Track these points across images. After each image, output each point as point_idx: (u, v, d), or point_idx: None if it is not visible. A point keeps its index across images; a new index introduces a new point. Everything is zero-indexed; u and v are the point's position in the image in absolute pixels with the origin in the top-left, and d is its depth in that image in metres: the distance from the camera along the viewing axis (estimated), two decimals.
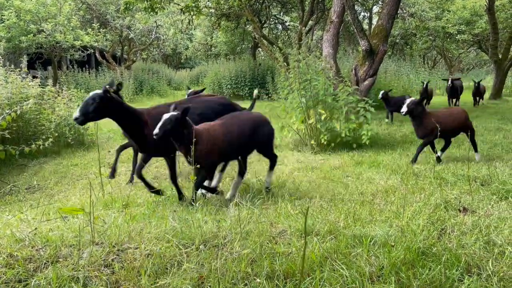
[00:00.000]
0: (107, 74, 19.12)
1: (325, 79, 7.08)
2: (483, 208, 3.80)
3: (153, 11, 11.58)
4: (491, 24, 16.03)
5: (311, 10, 15.82)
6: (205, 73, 24.81)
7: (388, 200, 4.09)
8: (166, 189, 4.68)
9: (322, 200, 4.10)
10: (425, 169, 5.35)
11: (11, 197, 5.05)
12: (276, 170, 5.76)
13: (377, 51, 9.71)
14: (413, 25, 23.33)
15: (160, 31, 22.19)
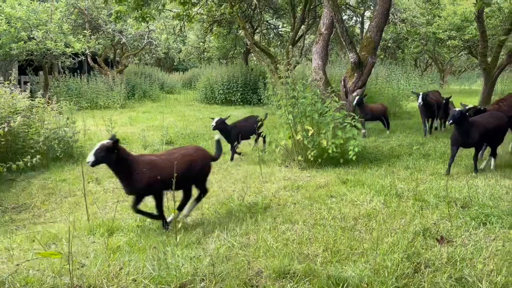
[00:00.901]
0: (99, 79, 19.06)
1: (312, 95, 7.14)
2: (460, 236, 3.88)
3: (144, 20, 11.61)
4: (480, 32, 16.18)
5: (302, 17, 15.89)
6: (198, 76, 24.83)
7: (369, 226, 4.17)
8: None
9: (305, 226, 4.17)
10: (408, 189, 5.43)
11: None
12: (263, 188, 5.86)
13: (366, 63, 9.80)
14: (405, 30, 23.51)
15: (152, 35, 22.16)
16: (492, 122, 6.48)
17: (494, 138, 6.58)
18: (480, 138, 6.30)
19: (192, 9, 13.14)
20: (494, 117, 6.64)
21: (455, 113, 6.09)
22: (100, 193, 6.06)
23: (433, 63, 33.89)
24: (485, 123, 6.42)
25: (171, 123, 12.96)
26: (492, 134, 6.47)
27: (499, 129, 6.54)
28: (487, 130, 6.34)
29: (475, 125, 6.30)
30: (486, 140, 6.55)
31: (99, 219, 4.75)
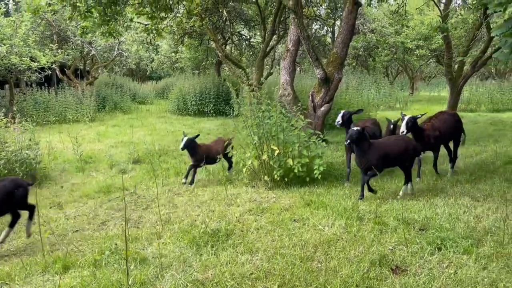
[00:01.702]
0: (67, 91, 18.67)
1: (278, 114, 7.17)
2: (415, 263, 3.96)
3: (111, 36, 11.45)
4: (445, 43, 16.63)
5: (272, 29, 15.99)
6: (171, 86, 24.64)
7: (328, 255, 4.20)
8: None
9: (264, 257, 4.17)
10: (370, 210, 5.51)
11: None
12: (228, 212, 5.84)
13: (333, 79, 9.94)
14: (374, 40, 23.97)
15: (123, 47, 21.89)
16: (393, 146, 6.17)
17: (399, 163, 6.31)
18: (379, 161, 5.97)
19: (161, 23, 13.04)
20: (400, 140, 6.32)
21: (353, 132, 5.86)
22: (61, 220, 5.92)
23: (403, 70, 34.59)
24: (386, 147, 6.15)
25: (141, 137, 12.81)
26: (394, 159, 6.18)
27: (402, 155, 6.17)
28: (387, 154, 6.05)
29: (375, 147, 6.04)
30: (386, 164, 6.23)
31: (57, 250, 4.65)
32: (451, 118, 7.52)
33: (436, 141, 7.15)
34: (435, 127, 7.09)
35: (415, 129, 6.81)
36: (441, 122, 7.24)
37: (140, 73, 35.85)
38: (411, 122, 6.68)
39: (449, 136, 7.42)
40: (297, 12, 9.09)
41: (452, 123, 7.45)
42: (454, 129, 7.49)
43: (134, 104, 24.32)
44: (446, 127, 7.25)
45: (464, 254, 4.14)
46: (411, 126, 6.68)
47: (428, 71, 38.18)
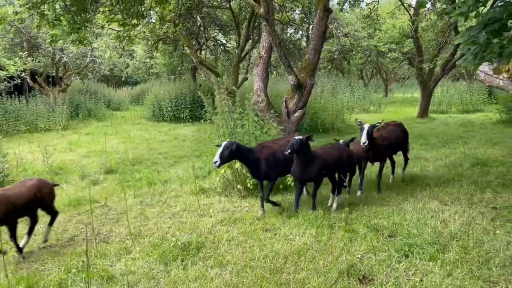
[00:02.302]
0: (39, 99, 18.27)
1: (250, 122, 7.18)
2: (382, 272, 4.01)
3: (81, 43, 11.27)
4: (416, 47, 17.04)
5: (246, 35, 16.03)
6: (147, 92, 24.37)
7: (298, 266, 4.22)
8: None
9: (234, 269, 4.16)
10: (340, 218, 5.56)
11: None
12: (200, 223, 5.80)
13: (305, 85, 10.01)
14: (348, 44, 24.31)
15: (96, 53, 21.56)
16: (333, 155, 6.02)
17: (335, 173, 6.18)
18: (319, 172, 5.81)
19: (134, 30, 12.89)
20: (336, 149, 6.18)
21: (294, 142, 5.55)
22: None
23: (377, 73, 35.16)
24: (325, 156, 5.92)
25: (115, 146, 12.63)
26: (334, 168, 6.07)
27: (344, 162, 6.12)
28: (327, 164, 5.89)
29: (316, 158, 5.80)
30: (328, 174, 6.07)
31: (22, 270, 4.53)
32: (398, 129, 7.48)
33: (384, 151, 7.03)
34: (383, 137, 6.98)
35: (371, 139, 6.56)
36: (388, 133, 7.18)
37: (115, 79, 35.37)
38: (371, 131, 6.46)
39: (396, 146, 7.40)
40: (268, 20, 9.12)
41: (399, 134, 7.43)
42: (401, 140, 7.49)
43: (109, 111, 23.95)
44: (393, 138, 7.22)
45: (430, 260, 4.22)
46: (371, 134, 6.47)
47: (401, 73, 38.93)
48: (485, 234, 4.83)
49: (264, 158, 5.94)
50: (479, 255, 4.27)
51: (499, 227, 5.09)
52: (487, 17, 5.63)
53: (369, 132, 6.38)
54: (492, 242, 4.60)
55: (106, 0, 10.82)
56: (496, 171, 7.87)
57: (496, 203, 6.06)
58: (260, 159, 5.93)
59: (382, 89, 33.18)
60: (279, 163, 6.00)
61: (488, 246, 4.49)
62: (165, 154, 11.21)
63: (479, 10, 5.58)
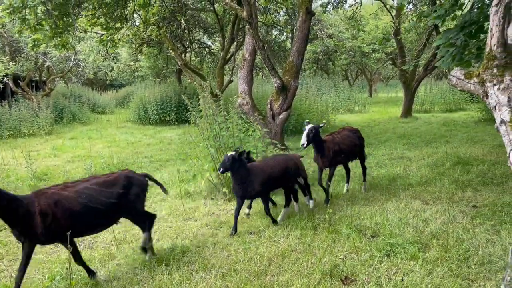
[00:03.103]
0: (22, 104, 18.05)
1: (234, 125, 7.21)
2: (365, 272, 4.08)
3: (64, 48, 11.19)
4: (399, 47, 17.27)
5: (231, 38, 16.05)
6: (132, 95, 24.25)
7: (282, 268, 4.27)
8: None
9: (219, 273, 4.19)
10: (324, 219, 5.62)
11: None
12: (185, 227, 5.82)
13: (289, 87, 10.10)
14: (332, 45, 24.52)
15: (79, 57, 21.38)
16: (275, 167, 5.67)
17: (282, 185, 5.86)
18: (264, 187, 5.45)
19: (117, 33, 12.85)
20: (278, 160, 5.84)
21: (226, 159, 5.17)
22: (12, 243, 5.71)
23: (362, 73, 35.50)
24: (267, 169, 5.56)
25: (99, 150, 12.56)
26: (277, 181, 5.73)
27: (284, 175, 5.74)
28: (271, 176, 5.55)
29: (255, 172, 5.39)
30: (271, 188, 5.85)
31: (5, 279, 4.50)
32: (353, 135, 6.97)
33: (334, 156, 6.46)
34: (335, 142, 6.51)
35: (316, 140, 6.20)
36: (342, 138, 6.70)
37: (100, 82, 35.11)
38: (312, 132, 6.04)
39: (350, 154, 6.82)
40: (252, 23, 9.19)
41: (355, 140, 6.91)
42: (357, 147, 6.95)
43: (94, 115, 23.80)
44: (347, 143, 6.69)
45: (411, 260, 4.30)
46: (313, 137, 6.08)
47: (385, 73, 39.42)
48: (465, 233, 4.93)
49: None
50: (458, 253, 4.37)
51: (478, 225, 5.20)
52: (464, 19, 5.76)
53: (310, 133, 6.00)
54: (471, 240, 4.71)
55: (89, 4, 10.75)
56: (476, 169, 8.04)
57: (477, 201, 6.19)
58: None
59: (367, 89, 33.50)
60: None
61: (468, 244, 4.59)
62: (151, 157, 11.17)
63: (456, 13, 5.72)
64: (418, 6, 15.94)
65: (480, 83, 2.86)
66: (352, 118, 18.71)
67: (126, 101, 27.62)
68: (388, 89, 38.63)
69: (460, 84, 3.05)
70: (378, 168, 8.58)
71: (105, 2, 10.94)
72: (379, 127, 15.37)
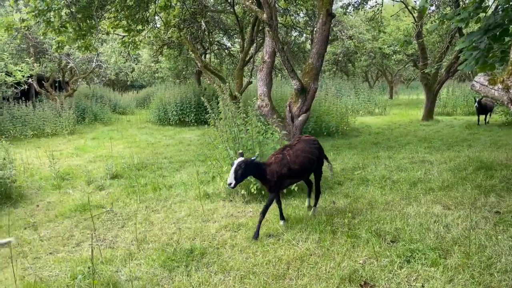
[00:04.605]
0: (46, 104, 18.48)
1: (253, 128, 7.23)
2: (384, 277, 4.04)
3: (87, 50, 11.41)
4: (420, 49, 17.02)
5: (250, 39, 16.10)
6: (152, 96, 24.55)
7: (301, 271, 4.27)
8: None
9: (237, 275, 4.21)
10: (343, 223, 5.59)
11: None
12: (204, 228, 5.86)
13: (309, 89, 10.06)
14: (352, 46, 24.35)
15: (102, 58, 21.76)
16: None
17: None
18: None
19: (139, 35, 13.03)
20: None
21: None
22: (35, 242, 5.85)
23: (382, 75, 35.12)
24: None
25: (120, 150, 12.75)
26: None
27: None
28: None
29: None
30: None
31: (29, 276, 4.61)
32: (310, 147, 5.95)
33: (280, 180, 5.51)
34: (283, 163, 5.51)
35: (251, 173, 5.37)
36: (295, 155, 5.68)
37: (121, 83, 35.64)
38: (241, 168, 5.06)
39: (303, 173, 5.85)
40: (272, 25, 9.19)
41: (311, 154, 5.88)
42: (312, 163, 5.92)
43: (115, 115, 24.16)
44: (299, 163, 5.65)
45: (432, 266, 4.25)
46: (244, 173, 5.14)
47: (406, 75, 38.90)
48: (487, 239, 4.84)
49: None
50: (481, 260, 4.29)
51: (501, 232, 5.10)
52: (488, 22, 5.66)
53: (238, 169, 5.04)
54: (494, 247, 4.62)
55: (111, 6, 10.93)
56: (500, 174, 7.86)
57: (500, 208, 6.06)
58: None
59: (387, 91, 33.13)
60: None
61: (490, 251, 4.50)
62: (170, 158, 11.28)
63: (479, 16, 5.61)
64: (440, 8, 15.69)
65: (504, 89, 2.81)
66: (372, 121, 18.53)
67: (146, 102, 27.95)
68: (409, 91, 38.09)
69: (483, 90, 3.00)
70: (398, 172, 8.48)
71: (127, 5, 11.11)
72: (400, 130, 15.19)
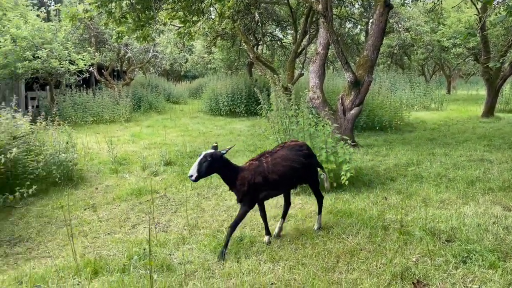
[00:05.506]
0: (105, 92, 19.36)
1: (305, 119, 7.20)
2: (438, 277, 3.92)
3: (145, 40, 11.80)
4: (483, 42, 16.13)
5: (304, 31, 15.96)
6: (204, 86, 25.02)
7: (351, 266, 4.22)
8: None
9: (286, 265, 4.24)
10: (395, 220, 5.47)
11: None
12: (253, 218, 5.93)
13: (363, 82, 9.86)
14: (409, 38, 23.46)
15: (158, 49, 22.43)
16: None
17: None
18: None
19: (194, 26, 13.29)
20: None
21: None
22: (94, 222, 6.18)
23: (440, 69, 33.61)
24: None
25: (173, 138, 13.13)
26: None
27: None
28: None
29: None
30: None
31: (89, 254, 4.88)
32: (295, 154, 4.99)
33: (251, 191, 4.65)
34: (259, 170, 4.71)
35: (217, 171, 4.67)
36: (274, 163, 4.81)
37: (175, 73, 36.56)
38: (207, 161, 4.44)
39: (283, 184, 4.91)
40: (327, 16, 9.06)
41: (295, 162, 4.92)
42: (297, 172, 4.95)
43: (168, 104, 24.87)
44: (278, 172, 4.76)
45: (490, 268, 4.06)
46: (209, 167, 4.45)
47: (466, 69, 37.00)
48: None
49: None
50: None
51: None
52: None
53: (203, 161, 4.43)
54: None
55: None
56: None
57: None
58: None
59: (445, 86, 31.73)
60: None
61: None
62: (221, 148, 11.45)
63: None
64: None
65: None
66: (428, 116, 17.85)
67: (198, 92, 28.53)
68: (468, 86, 36.26)
69: None
70: (455, 170, 8.14)
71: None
72: (457, 127, 14.53)
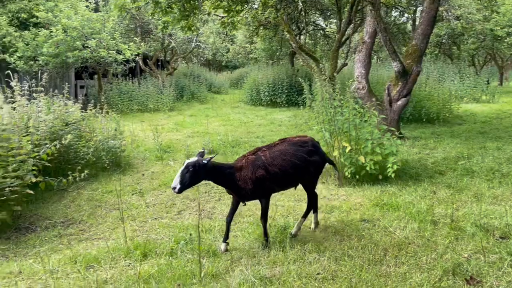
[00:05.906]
0: (149, 82, 19.83)
1: (350, 110, 7.05)
2: (492, 274, 3.76)
3: (190, 30, 11.92)
4: None
5: (348, 19, 15.59)
6: (245, 77, 25.08)
7: (399, 259, 4.12)
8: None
9: (332, 256, 4.19)
10: (446, 214, 5.28)
11: (47, 233, 5.45)
12: (297, 207, 5.91)
13: (411, 72, 9.54)
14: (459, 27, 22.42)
15: (200, 39, 22.65)
16: None
17: None
18: None
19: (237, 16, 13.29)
20: None
21: None
22: (142, 207, 6.35)
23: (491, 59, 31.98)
24: None
25: (215, 128, 13.27)
26: None
27: None
28: None
29: None
30: None
31: (138, 237, 5.02)
32: (291, 148, 4.65)
33: (258, 184, 4.35)
34: (257, 165, 4.40)
35: (204, 177, 4.27)
36: (273, 157, 4.52)
37: (216, 63, 36.84)
38: (189, 171, 4.07)
39: (282, 175, 4.51)
40: (375, 4, 8.81)
41: (297, 159, 4.59)
42: (298, 169, 4.60)
43: (210, 94, 25.15)
44: (279, 162, 4.48)
45: None
46: (193, 176, 4.09)
47: None
48: None
49: None
50: None
51: None
52: None
53: (185, 172, 4.07)
54: None
55: None
56: None
57: None
58: None
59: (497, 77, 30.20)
60: None
61: None
62: (262, 138, 11.47)
63: None
64: None
65: None
66: (478, 108, 17.08)
67: (239, 82, 28.63)
68: None
69: None
70: (509, 165, 7.75)
71: None
72: (510, 120, 13.83)
